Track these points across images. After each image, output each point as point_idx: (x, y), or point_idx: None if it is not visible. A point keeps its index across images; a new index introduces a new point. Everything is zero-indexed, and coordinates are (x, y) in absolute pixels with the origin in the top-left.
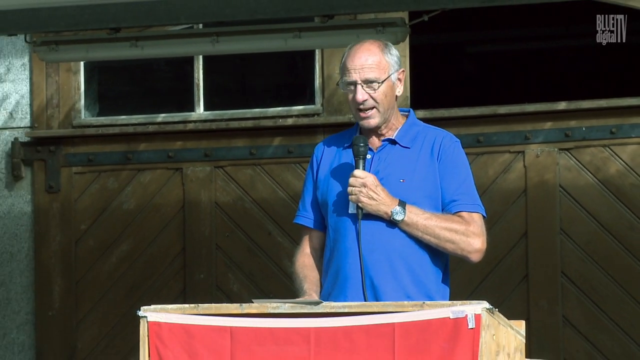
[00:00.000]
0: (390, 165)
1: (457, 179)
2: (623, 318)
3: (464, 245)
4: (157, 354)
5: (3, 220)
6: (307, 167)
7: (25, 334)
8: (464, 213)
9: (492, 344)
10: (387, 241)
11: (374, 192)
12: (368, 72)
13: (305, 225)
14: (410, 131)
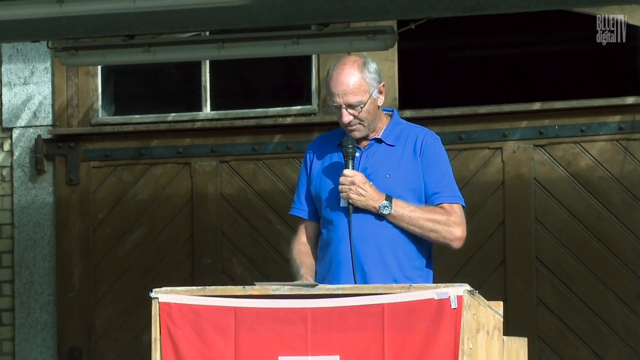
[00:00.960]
0: (377, 162)
1: (438, 173)
2: (591, 298)
3: (446, 234)
4: (168, 332)
5: (27, 210)
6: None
7: (48, 313)
8: (445, 204)
9: (472, 323)
10: (376, 232)
11: (363, 189)
12: (351, 97)
13: (300, 216)
14: (395, 130)
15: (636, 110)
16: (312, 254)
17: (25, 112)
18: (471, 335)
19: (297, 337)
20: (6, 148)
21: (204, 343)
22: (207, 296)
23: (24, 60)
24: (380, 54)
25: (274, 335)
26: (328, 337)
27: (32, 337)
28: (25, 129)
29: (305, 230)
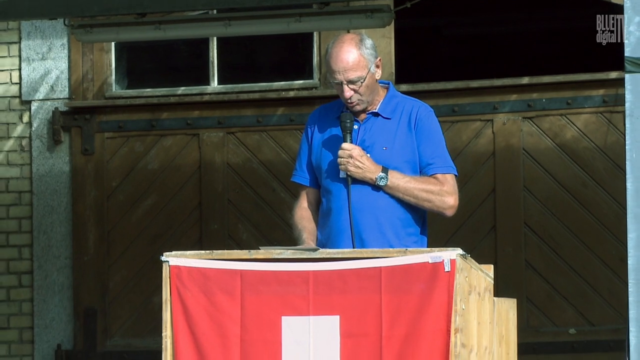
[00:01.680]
0: (374, 135)
1: (431, 144)
2: (576, 262)
3: (439, 203)
4: (178, 293)
5: (45, 178)
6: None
7: (64, 275)
8: (438, 175)
9: (465, 285)
10: (373, 202)
11: (360, 161)
12: (350, 73)
13: (302, 183)
14: (390, 103)
15: (619, 84)
16: (313, 219)
17: (43, 86)
18: (463, 297)
19: (300, 298)
20: (25, 120)
21: (211, 304)
22: (214, 260)
23: (42, 36)
24: (378, 31)
25: (278, 296)
26: (329, 298)
27: (50, 298)
28: (43, 102)
29: (307, 197)
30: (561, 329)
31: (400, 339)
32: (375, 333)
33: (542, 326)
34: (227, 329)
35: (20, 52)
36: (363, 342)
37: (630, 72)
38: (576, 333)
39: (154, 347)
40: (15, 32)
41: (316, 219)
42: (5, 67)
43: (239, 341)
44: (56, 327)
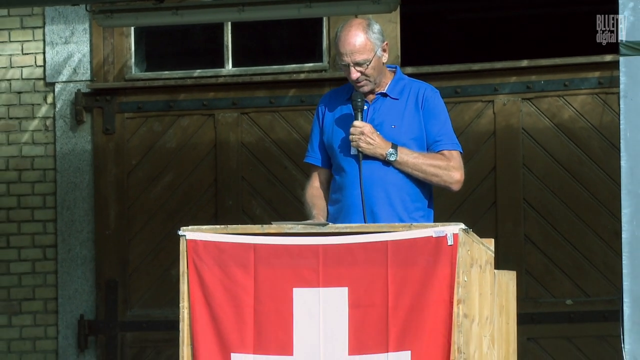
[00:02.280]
0: (383, 114)
1: (438, 123)
2: (573, 236)
3: (446, 177)
4: (194, 266)
5: (68, 156)
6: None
7: (87, 249)
8: (445, 151)
9: (467, 258)
10: (383, 177)
11: (371, 138)
12: (357, 55)
13: (314, 164)
14: (398, 85)
15: (614, 66)
16: (323, 197)
17: (66, 69)
18: (466, 269)
19: (310, 270)
20: (49, 101)
21: (226, 276)
22: (229, 234)
23: (64, 22)
24: (384, 17)
25: (289, 269)
26: (337, 270)
27: (73, 270)
28: (66, 84)
29: (318, 176)
30: (558, 299)
31: (405, 309)
32: (382, 304)
33: (540, 297)
34: (241, 300)
35: (44, 37)
36: (370, 312)
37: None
38: (573, 304)
39: (171, 317)
40: (40, 17)
41: (327, 197)
42: (30, 51)
43: (253, 311)
44: (79, 298)
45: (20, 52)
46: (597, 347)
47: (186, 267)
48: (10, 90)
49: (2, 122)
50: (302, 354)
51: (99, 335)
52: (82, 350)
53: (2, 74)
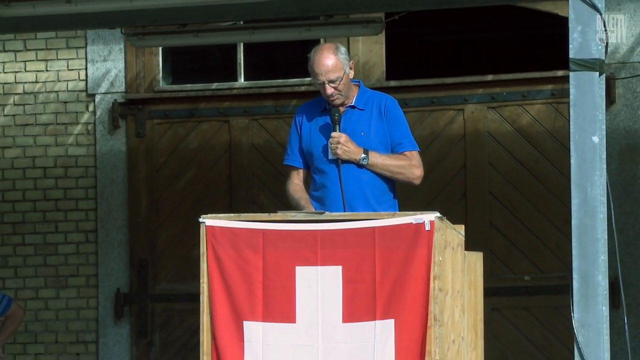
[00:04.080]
0: (353, 123)
1: (399, 128)
2: (530, 222)
3: (409, 174)
4: (212, 248)
5: (106, 156)
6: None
7: (122, 233)
8: (406, 152)
9: (441, 241)
10: (358, 176)
11: (346, 146)
12: (331, 74)
13: (294, 165)
14: (363, 97)
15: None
16: (305, 190)
17: (104, 82)
18: (440, 250)
19: (310, 252)
20: (90, 109)
21: (239, 256)
22: (241, 221)
23: (103, 42)
24: (372, 38)
25: (293, 250)
26: (333, 252)
27: (110, 251)
28: (104, 95)
29: (298, 176)
30: (518, 276)
31: (390, 284)
32: (370, 280)
33: (503, 274)
34: (252, 276)
35: (86, 55)
36: (360, 287)
37: (574, 71)
38: (530, 279)
39: (193, 290)
40: (82, 38)
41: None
42: (74, 67)
43: (261, 286)
44: (115, 275)
45: (66, 68)
46: (550, 315)
47: (205, 249)
48: (58, 100)
49: (51, 127)
50: (303, 322)
51: (132, 305)
52: (118, 319)
53: (50, 86)
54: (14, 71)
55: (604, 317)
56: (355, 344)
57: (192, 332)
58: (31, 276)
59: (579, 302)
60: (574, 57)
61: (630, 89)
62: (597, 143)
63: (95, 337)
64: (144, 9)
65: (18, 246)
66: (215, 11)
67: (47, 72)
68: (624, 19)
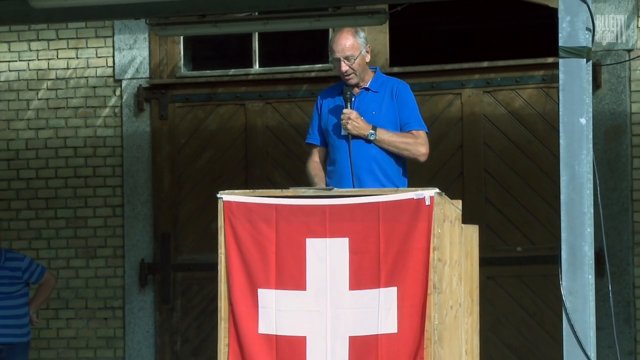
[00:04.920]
0: (366, 103)
1: (408, 109)
2: (523, 198)
3: (414, 151)
4: (229, 221)
5: (132, 136)
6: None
7: (146, 208)
8: (413, 131)
9: (440, 215)
10: (367, 152)
11: (356, 122)
12: (347, 51)
13: (314, 143)
14: (378, 81)
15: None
16: (322, 169)
17: (130, 69)
18: (439, 224)
19: (319, 225)
20: (117, 94)
21: (254, 229)
22: (256, 196)
23: (129, 32)
24: (377, 28)
25: (303, 224)
26: (340, 225)
27: (136, 224)
28: (130, 80)
29: (317, 153)
30: (511, 247)
31: (393, 255)
32: (375, 250)
33: (497, 245)
34: (266, 247)
35: (113, 44)
36: (366, 257)
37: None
38: (522, 250)
39: (211, 261)
40: (110, 28)
41: (324, 168)
42: (103, 55)
43: (275, 257)
44: (140, 246)
45: (95, 55)
46: (541, 283)
47: (223, 222)
48: (87, 86)
49: (81, 110)
50: (313, 289)
51: (155, 274)
52: (143, 287)
53: (81, 72)
54: (47, 59)
55: (590, 285)
56: (360, 310)
57: (210, 299)
58: (63, 247)
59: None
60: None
61: (615, 75)
62: (584, 124)
63: (121, 304)
64: (166, 0)
65: (51, 220)
66: (232, 3)
67: (78, 59)
68: (609, 10)
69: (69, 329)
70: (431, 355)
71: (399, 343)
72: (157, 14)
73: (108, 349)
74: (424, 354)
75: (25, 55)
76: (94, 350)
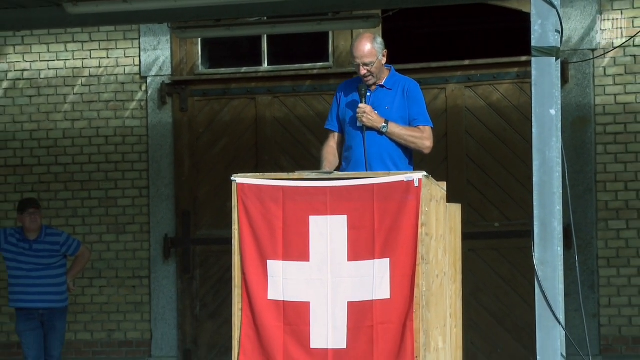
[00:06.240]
0: (380, 99)
1: (417, 106)
2: (499, 180)
3: (420, 144)
4: (242, 201)
5: (156, 126)
6: (328, 98)
7: (169, 189)
8: (420, 126)
9: (427, 195)
10: (379, 142)
11: (370, 116)
12: (366, 58)
13: (332, 129)
14: (392, 80)
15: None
16: (335, 154)
17: (154, 67)
18: (427, 203)
19: (321, 204)
20: (143, 89)
21: (264, 208)
22: (265, 179)
23: (153, 35)
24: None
25: (307, 203)
26: (340, 204)
27: (160, 204)
28: (155, 77)
29: (333, 139)
30: (489, 223)
31: (386, 230)
32: (370, 227)
33: (477, 221)
34: (274, 224)
35: (139, 45)
36: (362, 232)
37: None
38: (499, 226)
39: (226, 235)
40: (136, 32)
41: (339, 153)
42: (130, 55)
43: (282, 232)
44: (164, 223)
45: (123, 55)
46: (516, 255)
47: (236, 202)
48: (117, 82)
49: (112, 103)
50: (316, 260)
51: (177, 248)
52: (166, 258)
53: (111, 70)
54: (81, 58)
55: (559, 256)
56: (358, 278)
57: (225, 269)
58: (96, 224)
59: (539, 244)
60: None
61: (580, 71)
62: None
63: (147, 273)
64: (186, 7)
65: (85, 200)
66: (244, 9)
67: (108, 59)
68: (575, 15)
69: (101, 296)
70: (420, 318)
71: (391, 307)
72: (178, 19)
73: (136, 313)
74: (413, 317)
75: (62, 55)
76: (124, 314)
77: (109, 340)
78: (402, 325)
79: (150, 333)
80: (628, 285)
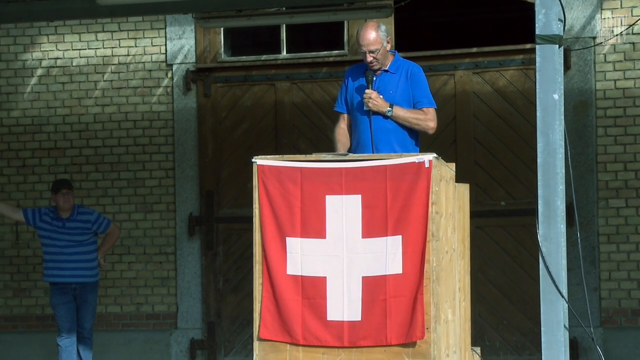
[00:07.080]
0: (385, 83)
1: (420, 89)
2: (506, 161)
3: (424, 125)
4: (262, 182)
5: (182, 111)
6: (341, 83)
7: (194, 170)
8: (424, 108)
9: (437, 175)
10: (385, 125)
11: (376, 101)
12: (371, 46)
13: (341, 112)
14: (396, 64)
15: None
16: (346, 135)
17: (180, 55)
18: (437, 183)
19: (337, 184)
20: (169, 76)
21: (283, 188)
22: (284, 160)
23: (178, 24)
24: (384, 20)
25: (323, 183)
26: (354, 184)
27: (185, 184)
28: (180, 65)
29: (343, 120)
30: (496, 202)
31: (398, 209)
32: (383, 205)
33: (484, 200)
34: (292, 203)
35: (165, 34)
36: (376, 211)
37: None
38: (505, 204)
39: (248, 214)
40: (162, 21)
41: (349, 134)
42: (157, 44)
43: (300, 211)
44: (189, 202)
45: (150, 44)
46: (521, 232)
47: (257, 182)
48: (144, 69)
49: (140, 89)
50: (332, 237)
51: (201, 226)
52: (191, 236)
53: (139, 58)
54: (111, 47)
55: (562, 233)
56: (371, 254)
57: (247, 246)
58: (125, 203)
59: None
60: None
61: (582, 58)
62: (557, 100)
63: (173, 250)
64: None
65: (115, 180)
66: (264, 0)
67: (136, 47)
68: (577, 4)
69: (130, 271)
70: (430, 291)
71: (403, 282)
72: (201, 9)
73: (163, 287)
74: (424, 291)
75: (93, 44)
76: (151, 289)
77: (137, 312)
78: (414, 299)
79: (176, 306)
80: (627, 260)
